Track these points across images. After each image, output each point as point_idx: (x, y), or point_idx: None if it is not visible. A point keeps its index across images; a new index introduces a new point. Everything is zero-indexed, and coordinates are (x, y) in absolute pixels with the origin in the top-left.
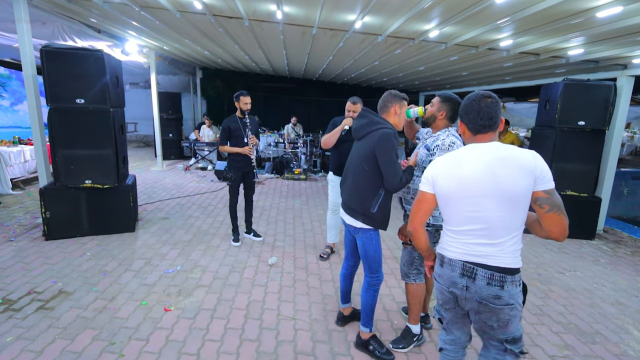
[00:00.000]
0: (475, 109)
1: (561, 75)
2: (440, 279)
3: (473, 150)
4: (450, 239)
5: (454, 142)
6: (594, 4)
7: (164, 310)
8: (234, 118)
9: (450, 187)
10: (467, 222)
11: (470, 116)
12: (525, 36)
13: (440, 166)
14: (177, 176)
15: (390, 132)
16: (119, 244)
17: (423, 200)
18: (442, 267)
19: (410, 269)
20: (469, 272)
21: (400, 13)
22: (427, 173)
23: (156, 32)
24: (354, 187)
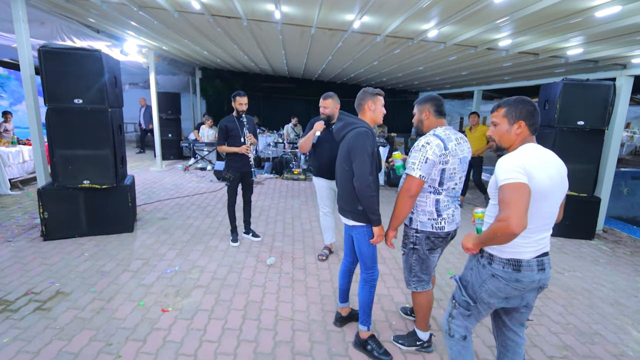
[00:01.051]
0: (537, 112)
1: (560, 75)
2: (520, 284)
3: (542, 151)
4: (526, 241)
5: (428, 142)
6: (592, 4)
7: (162, 311)
8: (230, 118)
9: (545, 185)
10: (545, 218)
11: (535, 118)
12: (524, 36)
13: (532, 161)
14: (176, 176)
15: (362, 131)
16: (117, 244)
17: (525, 190)
18: (521, 272)
19: (410, 276)
20: (541, 265)
21: (399, 13)
22: (516, 166)
23: (155, 32)
24: (341, 187)
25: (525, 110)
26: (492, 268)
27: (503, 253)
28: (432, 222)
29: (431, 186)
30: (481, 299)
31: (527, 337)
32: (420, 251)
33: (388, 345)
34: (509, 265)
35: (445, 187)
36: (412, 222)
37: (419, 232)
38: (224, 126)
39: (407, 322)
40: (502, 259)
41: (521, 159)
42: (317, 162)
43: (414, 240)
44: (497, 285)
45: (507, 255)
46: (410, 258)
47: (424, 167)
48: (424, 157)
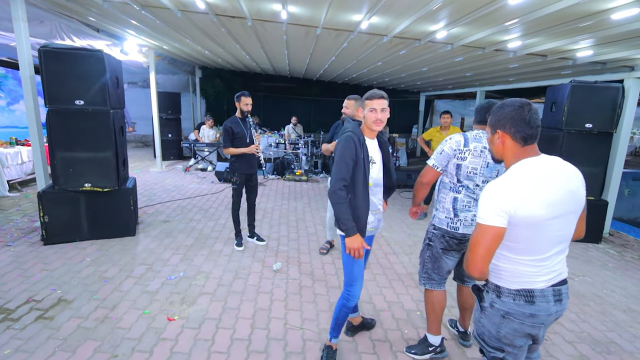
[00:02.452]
0: (523, 117)
1: (566, 77)
2: (536, 320)
3: (543, 168)
4: (536, 270)
5: (451, 137)
6: (609, 5)
7: (167, 319)
8: (234, 119)
9: (537, 214)
10: (555, 243)
11: (518, 125)
12: (534, 37)
13: (519, 194)
14: (177, 177)
15: (344, 136)
16: (119, 248)
17: (495, 237)
18: (534, 303)
19: (421, 271)
20: (558, 295)
21: (409, 13)
22: (497, 204)
23: (156, 32)
24: None
25: (502, 116)
26: (502, 302)
27: (511, 283)
28: (448, 220)
29: (451, 182)
30: (507, 345)
31: (543, 346)
32: (434, 248)
33: (402, 356)
34: (520, 297)
35: (463, 184)
36: (434, 217)
37: (435, 229)
38: (229, 127)
39: (419, 331)
40: (511, 290)
41: (506, 193)
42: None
43: (430, 235)
44: (512, 327)
45: (516, 285)
46: (424, 253)
47: (438, 157)
48: (441, 149)
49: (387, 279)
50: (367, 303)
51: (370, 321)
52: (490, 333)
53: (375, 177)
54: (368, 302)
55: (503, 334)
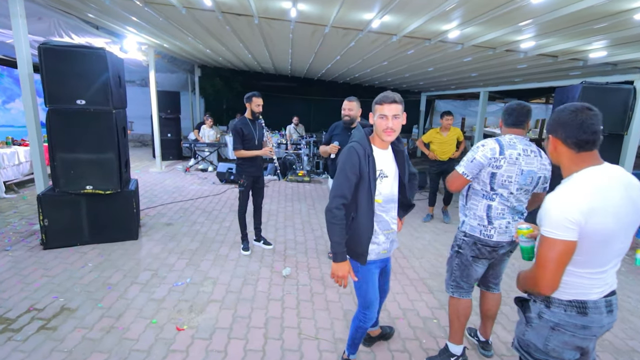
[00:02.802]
0: (578, 121)
1: (575, 78)
2: (588, 332)
3: (609, 178)
4: (592, 282)
5: (484, 144)
6: (633, 5)
7: (177, 329)
8: (244, 120)
9: (608, 226)
10: (616, 255)
11: (571, 129)
12: (548, 38)
13: (589, 204)
14: (177, 178)
15: (348, 146)
16: (122, 253)
17: (566, 251)
18: (587, 315)
19: (449, 279)
20: (610, 306)
21: (424, 12)
22: (568, 216)
23: (158, 29)
24: None
25: (554, 121)
26: (552, 313)
27: (563, 294)
28: (481, 227)
29: (483, 189)
30: (554, 358)
31: None
32: (464, 256)
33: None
34: (572, 308)
35: (497, 192)
36: (463, 224)
37: (466, 236)
38: (239, 129)
39: (438, 340)
40: (563, 300)
41: (576, 204)
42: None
43: (460, 243)
44: (562, 340)
45: (568, 296)
46: (452, 261)
47: (468, 165)
48: (472, 157)
49: (399, 284)
50: (382, 310)
51: (389, 330)
52: (537, 345)
53: (387, 192)
54: (382, 310)
55: (551, 347)
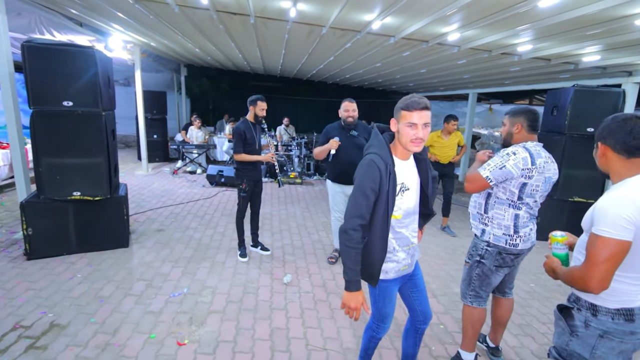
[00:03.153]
0: (627, 129)
1: (565, 80)
2: (635, 337)
3: None
4: (636, 288)
5: (515, 152)
6: (630, 12)
7: (177, 344)
8: (247, 124)
9: None
10: None
11: (620, 136)
12: (545, 42)
13: None
14: (165, 181)
15: (369, 159)
16: (112, 262)
17: (622, 251)
18: (634, 322)
19: (467, 289)
20: None
21: (426, 14)
22: (628, 216)
23: (147, 27)
24: None
25: (603, 129)
26: (599, 321)
27: (610, 302)
28: (506, 237)
29: (510, 199)
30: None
31: None
32: (486, 266)
33: None
34: (620, 316)
35: (524, 202)
36: (485, 234)
37: (490, 246)
38: (242, 132)
39: (446, 347)
40: (610, 309)
41: (635, 205)
42: (337, 168)
43: (482, 253)
44: (610, 346)
45: (615, 305)
46: (472, 271)
47: (496, 171)
48: (501, 164)
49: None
50: None
51: None
52: (581, 355)
53: (408, 206)
54: None
55: (598, 354)
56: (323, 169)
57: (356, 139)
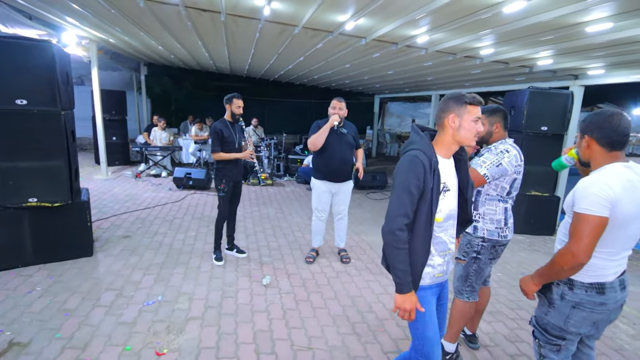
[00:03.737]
0: (613, 124)
1: (520, 83)
2: (605, 307)
3: (635, 172)
4: (608, 263)
5: (508, 150)
6: (585, 19)
7: (156, 354)
8: (224, 122)
9: (631, 211)
10: (631, 240)
11: (606, 132)
12: (505, 46)
13: (619, 190)
14: (127, 185)
15: (412, 155)
16: (76, 272)
17: (601, 226)
18: (605, 294)
19: (464, 286)
20: (623, 284)
21: (398, 17)
22: (605, 194)
23: (106, 23)
24: None
25: (591, 123)
26: (574, 294)
27: (585, 277)
28: (498, 230)
29: (500, 194)
30: (569, 333)
31: None
32: (482, 261)
33: None
34: (593, 289)
35: (512, 195)
36: (478, 230)
37: (485, 241)
38: (219, 130)
39: None
40: (585, 283)
41: (610, 187)
42: (327, 165)
43: (478, 249)
44: (582, 315)
45: (589, 279)
46: (469, 267)
47: (493, 169)
48: (497, 161)
49: (380, 285)
50: (368, 312)
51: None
52: (555, 325)
53: (448, 208)
54: (369, 312)
55: (572, 323)
56: (293, 170)
57: (345, 137)
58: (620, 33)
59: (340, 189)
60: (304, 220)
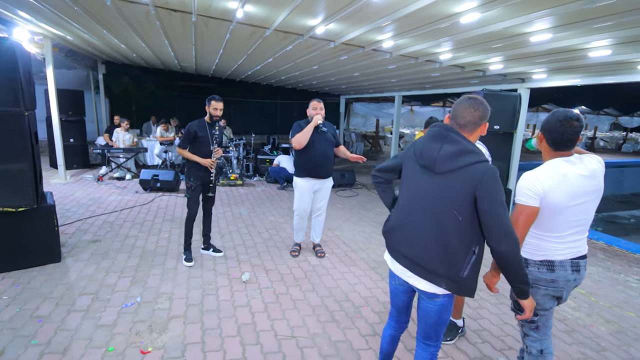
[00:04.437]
0: (560, 130)
1: (475, 85)
2: (556, 284)
3: (567, 167)
4: (555, 245)
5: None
6: (529, 29)
7: (141, 353)
8: (202, 122)
9: (562, 200)
10: (576, 225)
11: (554, 135)
12: (461, 52)
13: (549, 183)
14: (89, 189)
15: (496, 171)
16: (45, 279)
17: (531, 214)
18: (554, 271)
19: None
20: (576, 267)
21: (365, 23)
22: (533, 188)
23: (66, 19)
24: (440, 244)
25: (547, 123)
26: (529, 272)
27: (535, 256)
28: None
29: None
30: (539, 310)
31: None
32: None
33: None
34: (543, 267)
35: None
36: None
37: None
38: (193, 130)
39: None
40: (536, 261)
41: (539, 180)
42: (310, 161)
43: None
44: (541, 293)
45: (540, 257)
46: None
47: None
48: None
49: (354, 275)
50: (345, 301)
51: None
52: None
53: None
54: (346, 301)
55: (536, 300)
56: (263, 170)
57: (326, 135)
58: (559, 43)
59: (322, 186)
60: (277, 218)
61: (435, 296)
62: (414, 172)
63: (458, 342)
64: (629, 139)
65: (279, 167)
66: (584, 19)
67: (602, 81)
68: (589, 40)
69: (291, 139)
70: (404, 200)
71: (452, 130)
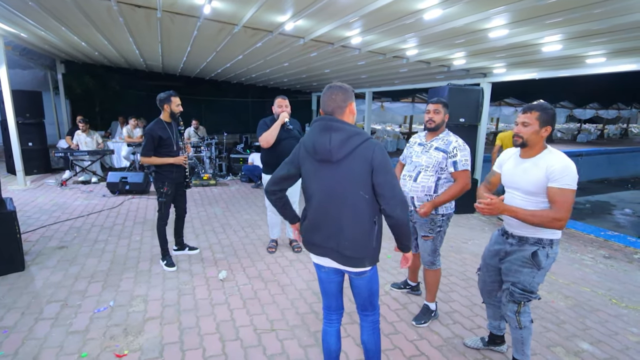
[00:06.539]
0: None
1: (440, 80)
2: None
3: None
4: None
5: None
6: (487, 26)
7: (116, 357)
8: (161, 124)
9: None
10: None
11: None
12: (426, 48)
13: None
14: (52, 194)
15: (381, 145)
16: (8, 288)
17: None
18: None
19: (435, 257)
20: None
21: (334, 19)
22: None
23: (18, 15)
24: (357, 227)
25: (552, 117)
26: (554, 251)
27: (558, 235)
28: (451, 204)
29: (447, 177)
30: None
31: (464, 297)
32: (444, 231)
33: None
34: (559, 244)
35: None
36: (439, 209)
37: (444, 216)
38: (156, 135)
39: None
40: (559, 239)
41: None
42: (278, 159)
43: (440, 224)
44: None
45: (559, 236)
46: (437, 241)
47: (469, 162)
48: (468, 154)
49: None
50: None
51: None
52: (538, 283)
53: None
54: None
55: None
56: (236, 169)
57: (292, 132)
58: (515, 38)
59: None
60: (253, 217)
61: (362, 273)
62: (315, 169)
63: (431, 324)
64: (583, 130)
65: (253, 166)
66: (537, 15)
67: (557, 74)
68: (542, 35)
69: (258, 137)
70: (314, 199)
71: (332, 119)
